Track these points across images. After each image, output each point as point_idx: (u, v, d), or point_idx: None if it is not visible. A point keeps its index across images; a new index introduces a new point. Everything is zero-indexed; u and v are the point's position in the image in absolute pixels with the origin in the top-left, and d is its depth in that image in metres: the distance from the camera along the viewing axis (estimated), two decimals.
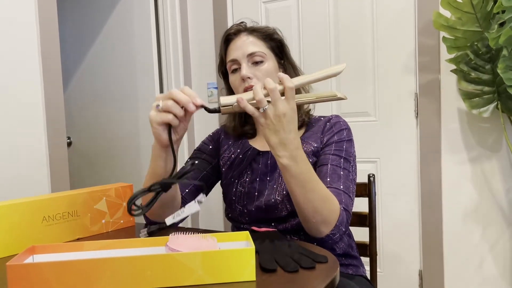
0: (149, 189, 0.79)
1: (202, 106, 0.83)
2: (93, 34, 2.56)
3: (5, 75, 1.52)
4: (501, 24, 1.59)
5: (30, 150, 1.59)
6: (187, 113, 0.83)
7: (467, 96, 1.78)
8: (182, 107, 0.81)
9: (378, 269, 2.05)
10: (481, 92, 1.74)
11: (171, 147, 0.84)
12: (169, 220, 0.83)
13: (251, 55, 1.06)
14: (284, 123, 0.82)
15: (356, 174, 1.05)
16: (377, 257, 1.29)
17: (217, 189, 1.18)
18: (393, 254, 2.08)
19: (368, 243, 1.26)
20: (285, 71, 1.13)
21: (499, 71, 1.56)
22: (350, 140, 1.06)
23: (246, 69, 1.05)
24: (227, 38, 1.12)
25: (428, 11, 1.89)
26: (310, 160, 1.03)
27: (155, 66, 2.39)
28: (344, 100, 0.89)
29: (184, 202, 1.08)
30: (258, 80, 1.05)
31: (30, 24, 1.59)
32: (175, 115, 0.81)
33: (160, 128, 0.83)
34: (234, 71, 1.09)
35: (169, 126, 0.83)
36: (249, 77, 1.05)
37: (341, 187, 0.96)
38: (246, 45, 1.07)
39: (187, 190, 1.10)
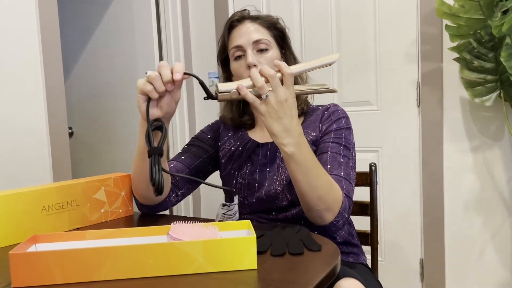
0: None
1: (190, 75, 0.83)
2: (93, 24, 2.54)
3: (6, 66, 1.51)
4: (505, 12, 1.58)
5: (32, 140, 1.59)
6: (168, 89, 0.84)
7: (469, 84, 1.77)
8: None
9: (379, 258, 2.06)
10: (484, 81, 1.73)
11: (147, 118, 0.84)
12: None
13: (256, 42, 1.05)
14: (287, 108, 0.81)
15: (355, 162, 1.05)
16: (378, 246, 1.29)
17: (219, 179, 1.18)
18: (394, 243, 2.09)
19: (369, 232, 1.26)
20: (286, 61, 1.12)
21: (502, 59, 1.55)
22: (349, 128, 1.06)
23: (252, 56, 1.04)
24: (231, 25, 1.10)
25: None
26: None
27: (156, 56, 2.37)
28: (334, 92, 0.90)
29: (177, 187, 1.09)
30: None
31: (30, 14, 1.58)
32: (154, 88, 0.82)
33: (142, 98, 0.85)
34: (238, 57, 1.07)
35: (148, 99, 0.84)
36: (255, 65, 1.03)
37: (342, 173, 0.96)
38: (251, 32, 1.06)
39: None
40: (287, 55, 1.13)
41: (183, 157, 1.13)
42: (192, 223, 0.74)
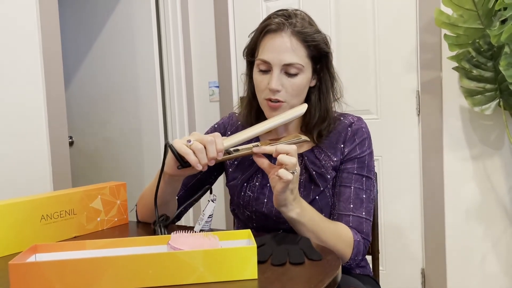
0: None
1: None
2: (94, 33, 2.56)
3: (7, 75, 1.52)
4: (503, 21, 1.59)
5: (32, 149, 1.59)
6: (209, 165, 0.85)
7: (469, 93, 1.78)
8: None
9: (380, 268, 2.04)
10: (483, 90, 1.74)
11: (159, 178, 0.90)
12: (197, 228, 0.92)
13: (287, 65, 0.94)
14: (298, 180, 0.85)
15: (375, 186, 1.06)
16: (379, 255, 1.29)
17: (220, 190, 1.17)
18: (396, 252, 2.08)
19: None
20: (319, 81, 1.03)
21: (501, 68, 1.56)
22: (371, 153, 1.05)
23: (276, 81, 0.94)
24: (266, 31, 0.97)
25: (430, 9, 1.89)
26: (329, 176, 1.00)
27: (157, 65, 2.39)
28: (307, 141, 0.95)
29: (179, 203, 1.08)
30: (286, 93, 0.96)
31: (31, 23, 1.59)
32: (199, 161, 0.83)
33: (175, 162, 0.86)
34: (262, 71, 0.98)
35: (182, 166, 0.86)
36: (277, 90, 0.95)
37: (363, 213, 0.97)
38: (285, 50, 0.94)
39: (176, 197, 1.08)
40: (322, 76, 1.02)
41: None
42: (193, 232, 0.74)
